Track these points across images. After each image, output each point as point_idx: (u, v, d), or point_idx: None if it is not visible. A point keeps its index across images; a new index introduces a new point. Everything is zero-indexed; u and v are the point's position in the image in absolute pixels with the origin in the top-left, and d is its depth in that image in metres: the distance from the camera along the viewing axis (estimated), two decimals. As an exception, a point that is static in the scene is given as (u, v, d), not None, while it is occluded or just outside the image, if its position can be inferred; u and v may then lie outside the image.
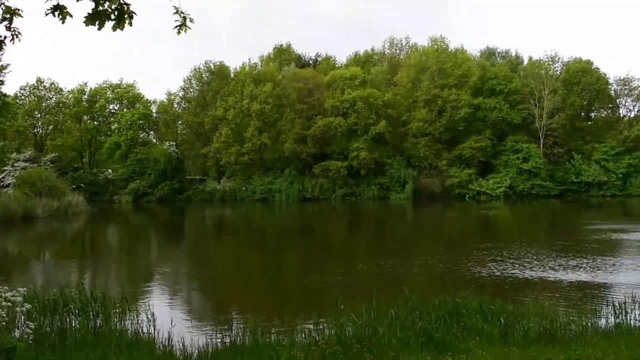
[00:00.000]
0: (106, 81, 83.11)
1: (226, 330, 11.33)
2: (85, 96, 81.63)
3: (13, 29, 6.82)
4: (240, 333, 10.67)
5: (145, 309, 13.16)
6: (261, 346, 9.82)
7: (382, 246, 29.74)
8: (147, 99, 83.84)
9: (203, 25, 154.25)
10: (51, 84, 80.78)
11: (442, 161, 72.20)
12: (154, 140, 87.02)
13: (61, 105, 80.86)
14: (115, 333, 10.80)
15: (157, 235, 40.40)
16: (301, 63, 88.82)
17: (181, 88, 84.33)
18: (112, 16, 6.34)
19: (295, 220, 49.91)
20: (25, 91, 79.50)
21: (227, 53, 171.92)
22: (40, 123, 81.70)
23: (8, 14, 6.72)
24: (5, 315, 9.38)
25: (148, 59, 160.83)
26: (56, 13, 6.37)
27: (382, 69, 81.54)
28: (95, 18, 6.32)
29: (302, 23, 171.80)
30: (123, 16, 6.37)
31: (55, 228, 41.11)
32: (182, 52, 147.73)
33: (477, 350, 9.29)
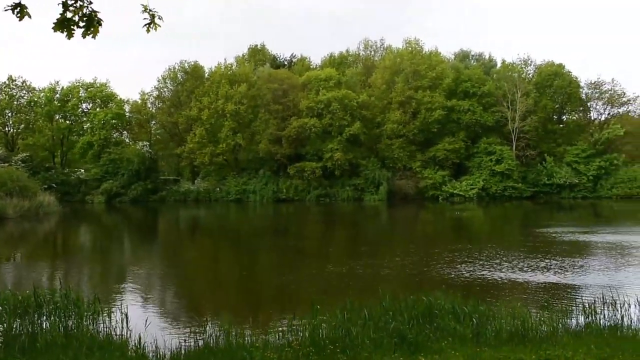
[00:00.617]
0: (79, 80, 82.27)
1: (199, 331, 11.30)
2: (57, 95, 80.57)
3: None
4: (213, 334, 10.63)
5: (118, 310, 13.05)
6: (234, 347, 9.79)
7: (356, 247, 29.80)
8: (121, 99, 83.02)
9: (179, 24, 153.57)
10: (23, 82, 79.75)
11: (416, 163, 72.57)
12: (127, 140, 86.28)
13: (33, 104, 79.77)
14: (87, 335, 10.71)
15: (130, 236, 40.05)
16: (276, 64, 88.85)
17: (155, 88, 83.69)
18: (81, 23, 6.32)
19: (269, 221, 49.79)
20: (-4, 89, 78.34)
21: (204, 53, 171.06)
22: (11, 122, 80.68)
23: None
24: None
25: (122, 59, 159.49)
26: (16, 11, 6.32)
27: (357, 71, 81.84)
28: (63, 25, 6.29)
29: (278, 24, 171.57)
30: (92, 23, 6.35)
31: (26, 228, 40.52)
32: (157, 52, 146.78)
33: (450, 350, 9.37)
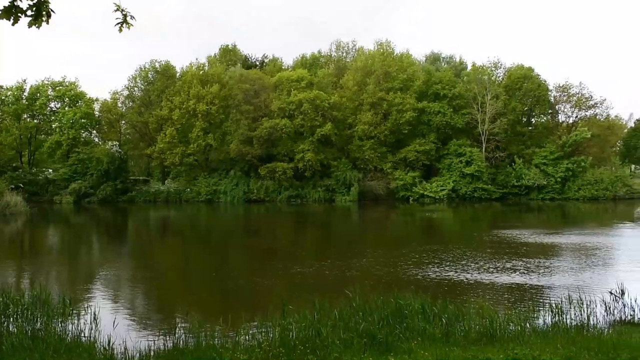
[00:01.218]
0: (48, 78, 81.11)
1: (169, 332, 11.24)
2: (25, 94, 79.44)
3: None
4: (183, 335, 10.60)
5: (87, 312, 12.94)
6: (204, 348, 9.78)
7: (327, 248, 29.88)
8: (90, 98, 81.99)
9: (151, 24, 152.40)
10: (-11, 81, 78.47)
11: (387, 164, 72.89)
12: (97, 139, 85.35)
13: (-1, 102, 78.60)
14: (54, 337, 10.59)
15: (100, 236, 39.62)
16: (248, 64, 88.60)
17: (125, 87, 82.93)
18: (30, 12, 6.23)
19: (240, 222, 49.64)
20: (-39, 88, 77.04)
21: (175, 52, 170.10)
22: (-23, 121, 79.29)
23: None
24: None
25: (92, 57, 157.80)
26: None
27: (329, 72, 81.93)
28: (10, 12, 6.20)
29: (250, 24, 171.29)
30: (41, 13, 6.26)
31: (-8, 229, 39.95)
32: (128, 51, 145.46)
33: (419, 350, 9.45)
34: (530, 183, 70.96)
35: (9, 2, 6.18)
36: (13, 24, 6.26)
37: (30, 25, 6.29)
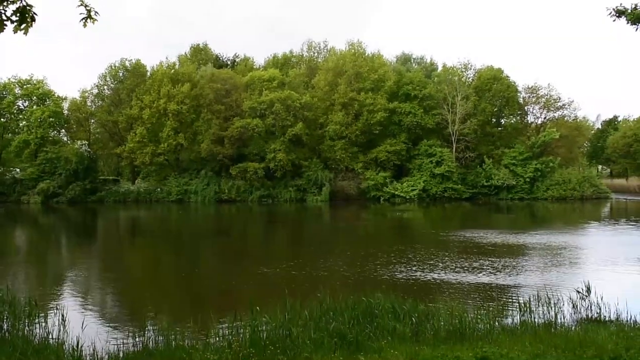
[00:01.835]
0: (15, 76, 79.63)
1: (139, 333, 11.16)
2: (-9, 92, 78.04)
3: None
4: (152, 336, 10.54)
5: (55, 314, 12.79)
6: (173, 349, 9.75)
7: (298, 248, 29.93)
8: (59, 96, 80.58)
9: (121, 22, 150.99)
10: (-46, 78, 76.87)
11: (358, 164, 72.99)
12: (66, 139, 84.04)
13: (-35, 101, 77.05)
14: (21, 339, 10.46)
15: (68, 237, 39.16)
16: (219, 63, 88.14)
17: (95, 86, 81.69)
18: (14, 18, 6.13)
19: (211, 222, 49.41)
20: None
21: (145, 51, 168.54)
22: (-58, 119, 77.71)
23: None
24: None
25: (60, 56, 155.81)
26: None
27: (300, 72, 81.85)
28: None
29: (221, 23, 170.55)
30: (25, 19, 6.15)
31: (-43, 229, 39.27)
32: (99, 50, 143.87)
33: (389, 349, 9.51)
34: (499, 183, 71.64)
35: None
36: None
37: (15, 30, 6.17)
